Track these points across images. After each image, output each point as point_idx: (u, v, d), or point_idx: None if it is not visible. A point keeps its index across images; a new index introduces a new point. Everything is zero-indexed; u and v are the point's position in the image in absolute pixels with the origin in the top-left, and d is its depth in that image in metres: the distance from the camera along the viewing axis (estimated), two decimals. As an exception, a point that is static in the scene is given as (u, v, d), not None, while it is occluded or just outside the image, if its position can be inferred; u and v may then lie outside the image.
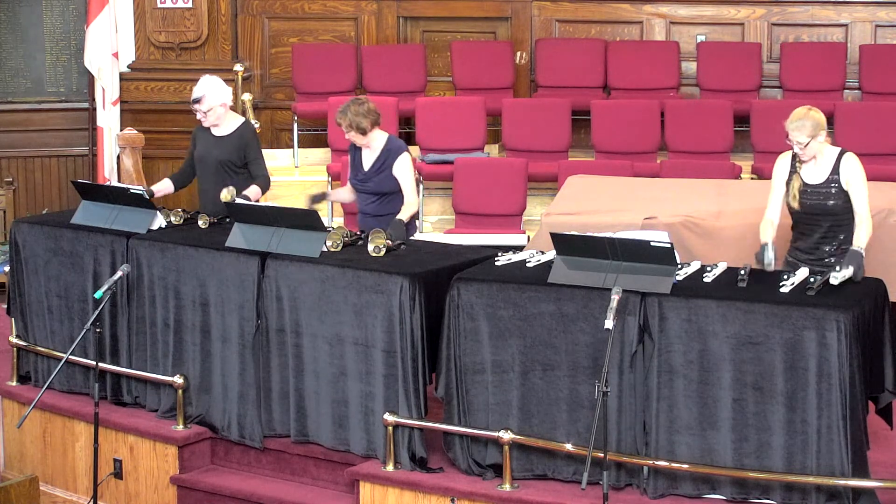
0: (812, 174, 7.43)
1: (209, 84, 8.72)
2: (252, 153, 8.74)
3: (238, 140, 8.70)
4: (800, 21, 12.24)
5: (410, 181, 8.36)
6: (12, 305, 8.64)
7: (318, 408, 7.46)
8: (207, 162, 8.73)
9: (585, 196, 9.17)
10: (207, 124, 8.73)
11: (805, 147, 7.34)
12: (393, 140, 8.46)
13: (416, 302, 7.09)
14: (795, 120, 7.36)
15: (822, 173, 7.42)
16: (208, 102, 8.65)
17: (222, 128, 8.75)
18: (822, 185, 7.40)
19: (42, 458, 8.42)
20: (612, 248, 6.74)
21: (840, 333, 6.34)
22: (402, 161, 8.35)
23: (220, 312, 7.73)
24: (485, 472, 7.05)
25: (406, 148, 8.46)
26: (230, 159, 8.67)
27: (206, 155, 8.74)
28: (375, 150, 8.39)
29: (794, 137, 7.35)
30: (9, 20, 12.78)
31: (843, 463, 6.39)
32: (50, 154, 12.87)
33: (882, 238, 8.47)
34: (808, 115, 7.36)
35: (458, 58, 12.43)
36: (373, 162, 8.39)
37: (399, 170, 8.34)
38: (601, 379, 6.30)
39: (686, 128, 11.38)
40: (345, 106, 8.33)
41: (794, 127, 7.35)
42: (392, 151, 8.36)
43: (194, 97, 8.69)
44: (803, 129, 7.32)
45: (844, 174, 7.39)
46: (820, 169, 7.42)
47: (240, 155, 8.68)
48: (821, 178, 7.42)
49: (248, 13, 12.90)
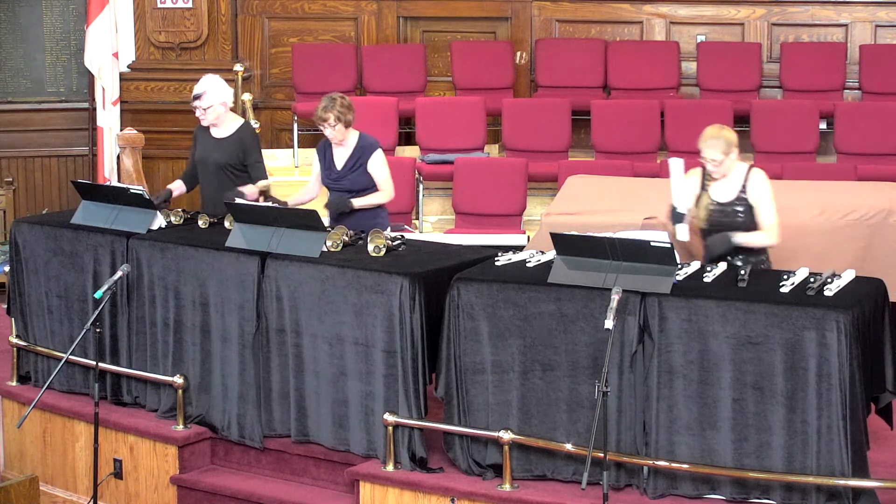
0: (721, 192, 7.46)
1: (211, 82, 8.72)
2: (252, 156, 8.73)
3: (237, 142, 8.69)
4: (800, 21, 12.24)
5: (385, 175, 8.48)
6: (12, 305, 8.63)
7: (319, 408, 7.46)
8: (207, 164, 8.73)
9: (585, 196, 9.17)
10: (206, 123, 8.72)
11: (720, 164, 7.37)
12: (365, 137, 8.54)
13: (416, 302, 7.09)
14: (709, 138, 7.41)
15: (731, 191, 7.46)
16: (208, 100, 8.64)
17: (221, 129, 8.75)
18: (731, 202, 7.45)
19: (42, 458, 8.42)
20: (612, 248, 6.75)
21: (840, 333, 6.34)
22: (376, 157, 8.45)
23: (220, 312, 7.73)
24: (485, 472, 7.05)
25: (379, 144, 8.55)
26: (229, 162, 8.67)
27: (206, 157, 8.73)
28: (349, 148, 8.45)
29: (708, 155, 7.40)
30: (9, 20, 12.78)
31: (843, 463, 6.39)
32: (50, 154, 12.87)
33: (882, 238, 8.48)
34: (722, 133, 7.41)
35: (458, 58, 12.43)
36: (346, 160, 8.47)
37: (374, 166, 8.44)
38: (601, 379, 6.30)
39: (686, 128, 11.35)
40: (328, 101, 8.35)
41: (708, 145, 7.39)
42: (366, 149, 8.45)
43: (195, 93, 8.70)
44: (717, 147, 7.35)
45: (752, 191, 7.41)
46: (729, 186, 7.46)
47: (239, 157, 8.68)
48: (730, 195, 7.46)
49: (248, 13, 12.89)
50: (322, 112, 8.35)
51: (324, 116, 8.35)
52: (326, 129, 8.39)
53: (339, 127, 8.36)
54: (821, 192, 9.09)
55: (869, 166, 10.61)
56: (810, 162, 10.96)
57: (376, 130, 11.31)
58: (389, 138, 11.61)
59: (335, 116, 8.32)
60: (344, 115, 8.34)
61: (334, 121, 8.33)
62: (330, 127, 8.37)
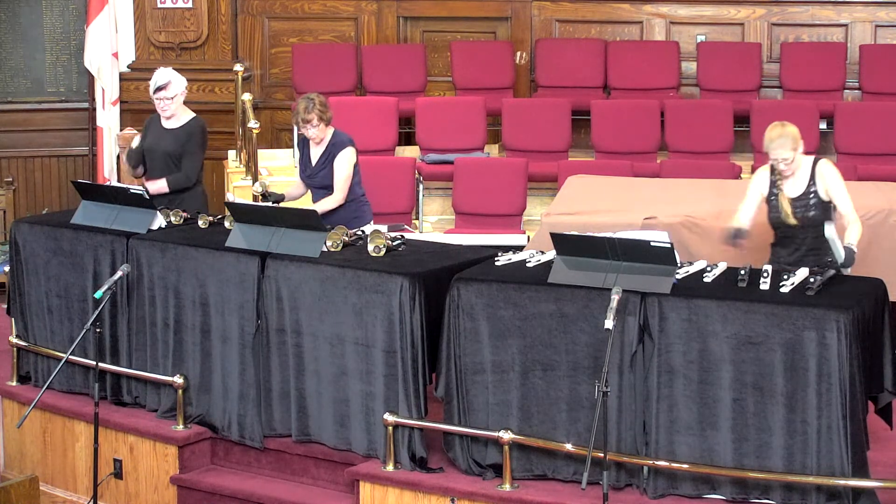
0: (792, 188, 7.44)
1: (171, 73, 8.85)
2: (190, 146, 8.79)
3: (185, 133, 8.78)
4: (800, 21, 12.24)
5: (342, 176, 8.51)
6: (12, 305, 8.63)
7: (320, 407, 7.46)
8: (156, 153, 8.84)
9: (585, 196, 9.17)
10: (168, 114, 8.81)
11: (791, 162, 7.34)
12: (339, 134, 8.61)
13: (416, 302, 7.09)
14: (777, 138, 7.35)
15: (800, 185, 7.43)
16: (174, 88, 8.75)
17: (174, 120, 8.84)
18: (802, 196, 7.42)
19: (42, 458, 8.42)
20: (612, 248, 6.74)
21: (840, 333, 6.34)
22: (342, 156, 8.51)
23: (220, 312, 7.73)
24: (485, 472, 7.05)
25: (351, 143, 8.59)
26: (175, 151, 8.75)
27: (155, 146, 8.85)
28: (323, 145, 8.55)
29: (778, 155, 7.35)
30: (9, 20, 12.78)
31: (843, 463, 6.39)
32: (50, 154, 12.87)
33: (882, 238, 8.47)
34: (786, 131, 7.36)
35: (458, 58, 12.43)
36: (319, 156, 8.57)
37: (337, 164, 8.51)
38: (601, 379, 6.30)
39: (686, 128, 11.37)
40: (307, 102, 8.43)
41: (776, 145, 7.34)
42: (336, 146, 8.54)
43: (159, 84, 8.76)
44: (785, 145, 7.32)
45: (822, 182, 7.40)
46: (798, 181, 7.44)
47: (183, 148, 8.77)
48: (799, 190, 7.44)
49: (248, 13, 12.89)
50: (305, 114, 8.41)
51: (307, 118, 8.41)
52: (309, 129, 8.48)
53: (322, 125, 8.47)
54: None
55: (869, 166, 10.61)
56: (810, 162, 10.95)
57: (376, 130, 11.38)
58: (389, 138, 11.62)
59: (318, 116, 8.42)
60: (324, 113, 8.45)
61: (317, 121, 8.43)
62: (314, 127, 8.44)
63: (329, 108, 8.51)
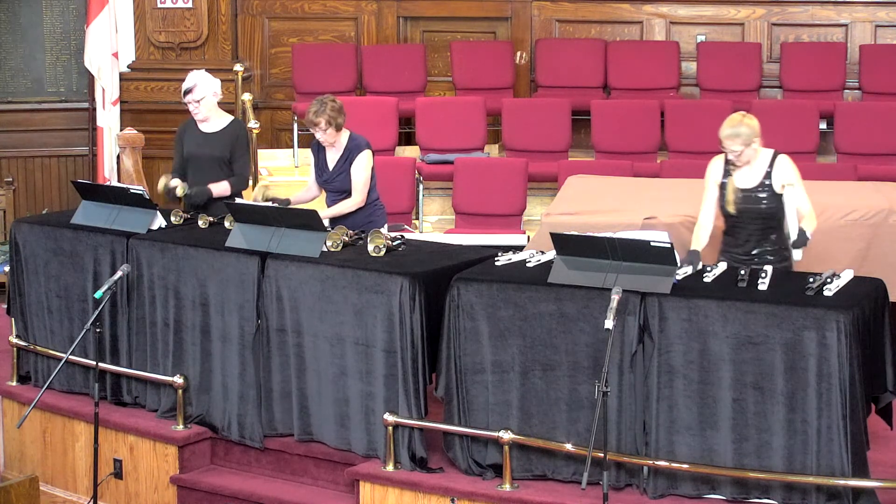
0: (745, 178, 7.44)
1: (199, 75, 8.76)
2: (239, 150, 8.76)
3: (230, 136, 8.73)
4: (800, 21, 12.24)
5: (361, 180, 8.43)
6: (12, 305, 8.63)
7: (321, 407, 7.46)
8: (200, 160, 8.73)
9: (585, 196, 9.17)
10: (200, 117, 8.73)
11: (740, 155, 7.34)
12: (355, 137, 8.53)
13: (416, 302, 7.09)
14: (729, 128, 7.35)
15: (755, 177, 7.43)
16: (201, 91, 8.68)
17: (212, 124, 8.76)
18: (755, 188, 7.41)
19: (42, 458, 8.42)
20: (612, 248, 6.75)
21: (840, 333, 6.34)
22: (360, 159, 8.43)
23: (220, 312, 7.73)
24: (485, 472, 7.05)
25: (368, 146, 8.52)
26: (223, 156, 8.70)
27: (198, 152, 8.74)
28: (339, 149, 8.46)
29: (728, 146, 7.35)
30: (9, 20, 12.78)
31: (843, 463, 6.39)
32: (50, 154, 12.87)
33: (882, 238, 8.47)
34: (743, 122, 7.36)
35: (458, 58, 12.43)
36: (336, 160, 8.48)
37: (355, 168, 8.43)
38: (601, 379, 6.30)
39: (686, 128, 11.37)
40: (319, 105, 8.33)
41: (727, 136, 7.35)
42: (353, 150, 8.45)
43: (186, 88, 8.71)
44: (736, 140, 7.32)
45: (778, 177, 7.39)
46: (753, 173, 7.43)
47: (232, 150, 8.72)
48: (753, 181, 7.43)
49: (248, 13, 12.90)
50: (313, 116, 8.33)
51: (315, 121, 8.33)
52: (318, 132, 8.39)
53: (331, 131, 8.35)
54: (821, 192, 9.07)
55: (869, 166, 10.61)
56: (810, 162, 10.94)
57: (376, 130, 11.36)
58: (389, 138, 11.62)
59: (326, 120, 8.31)
60: (335, 118, 8.32)
61: (325, 125, 8.32)
62: (321, 131, 8.36)
63: (342, 113, 8.36)
